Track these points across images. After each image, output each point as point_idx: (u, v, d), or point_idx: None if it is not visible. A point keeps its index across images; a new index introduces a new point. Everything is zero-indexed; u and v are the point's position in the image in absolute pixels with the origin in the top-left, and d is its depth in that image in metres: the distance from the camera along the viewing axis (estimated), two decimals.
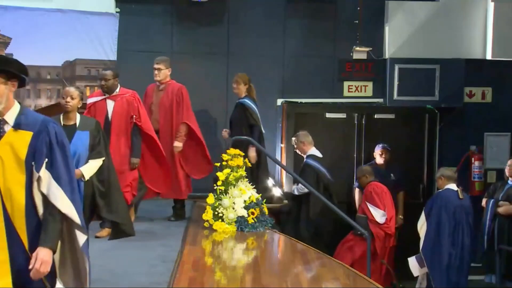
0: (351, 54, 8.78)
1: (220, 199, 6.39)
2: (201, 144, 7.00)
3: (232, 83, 7.57)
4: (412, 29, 8.82)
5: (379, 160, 8.23)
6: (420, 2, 8.87)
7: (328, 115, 8.65)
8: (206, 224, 6.39)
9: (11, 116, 3.07)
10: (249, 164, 6.80)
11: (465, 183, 8.97)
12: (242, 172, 6.57)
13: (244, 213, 6.35)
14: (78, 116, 5.08)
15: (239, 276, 5.04)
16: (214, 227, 6.31)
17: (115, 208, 5.04)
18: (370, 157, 8.42)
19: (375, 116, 8.68)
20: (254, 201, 6.45)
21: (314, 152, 7.63)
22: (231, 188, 6.45)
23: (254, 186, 6.62)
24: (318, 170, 7.44)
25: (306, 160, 7.59)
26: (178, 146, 6.85)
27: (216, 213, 6.35)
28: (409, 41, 8.81)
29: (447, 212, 7.01)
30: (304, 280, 4.85)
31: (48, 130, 3.09)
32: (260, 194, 6.59)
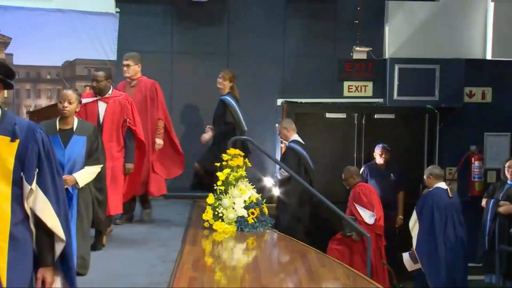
0: (351, 54, 8.78)
1: (220, 199, 6.40)
2: (174, 143, 6.94)
3: (217, 78, 7.55)
4: (412, 29, 8.82)
5: (379, 160, 8.23)
6: (420, 2, 8.87)
7: (328, 115, 8.64)
8: (206, 224, 6.39)
9: None
10: (249, 165, 6.81)
11: (465, 183, 8.99)
12: (242, 172, 6.57)
13: (244, 213, 6.35)
14: (75, 120, 4.88)
15: (239, 276, 5.05)
16: (214, 227, 6.31)
17: (103, 217, 5.05)
18: (370, 157, 8.42)
19: (375, 116, 8.68)
20: (254, 201, 6.46)
21: (297, 138, 7.65)
22: (231, 188, 6.46)
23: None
24: (300, 154, 7.47)
25: (289, 144, 7.58)
26: (160, 143, 6.77)
27: (216, 213, 6.35)
28: (409, 41, 8.81)
29: (439, 211, 7.06)
30: (304, 280, 4.85)
31: (36, 138, 2.84)
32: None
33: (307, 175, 7.42)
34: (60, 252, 2.88)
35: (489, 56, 8.94)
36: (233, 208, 6.35)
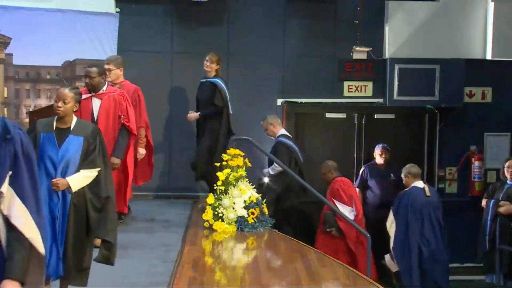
0: (351, 54, 8.77)
1: (220, 199, 6.40)
2: (150, 151, 6.85)
3: (204, 61, 7.51)
4: (412, 29, 8.81)
5: (379, 160, 8.23)
6: (420, 2, 8.86)
7: (328, 115, 8.65)
8: (206, 224, 6.39)
9: None
10: (249, 165, 6.81)
11: (465, 183, 8.99)
12: (242, 172, 6.57)
13: (244, 213, 6.36)
14: (74, 119, 4.56)
15: (239, 276, 5.05)
16: (214, 227, 6.31)
17: (110, 227, 4.46)
18: (370, 157, 8.42)
19: (375, 116, 8.69)
20: (254, 201, 6.46)
21: (285, 132, 7.69)
22: (231, 188, 6.46)
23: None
24: (291, 148, 7.52)
25: (278, 138, 7.61)
26: (142, 153, 6.62)
27: (216, 213, 6.35)
28: (409, 41, 8.80)
29: (414, 211, 7.11)
30: (304, 280, 4.85)
31: (13, 137, 2.59)
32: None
33: (296, 166, 7.50)
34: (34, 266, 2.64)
35: (489, 56, 8.93)
36: (233, 208, 6.35)
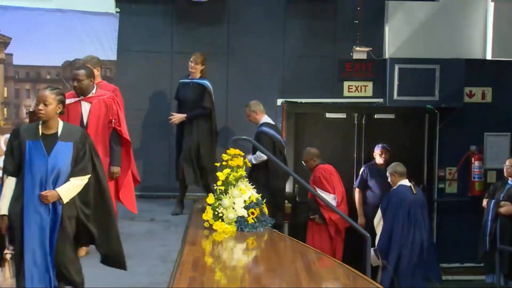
0: (351, 54, 8.77)
1: (220, 199, 6.40)
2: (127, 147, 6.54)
3: (189, 62, 7.44)
4: (412, 29, 8.81)
5: (379, 160, 8.22)
6: (420, 2, 8.86)
7: (328, 115, 8.65)
8: (206, 224, 6.39)
9: None
10: (249, 164, 6.80)
11: (465, 183, 8.99)
12: (242, 172, 6.57)
13: (244, 213, 6.36)
14: (60, 123, 4.24)
15: (239, 276, 5.05)
16: (214, 227, 6.31)
17: (105, 237, 4.27)
18: (370, 157, 8.42)
19: (375, 116, 8.69)
20: (254, 201, 6.46)
21: (267, 120, 7.62)
22: (231, 188, 6.46)
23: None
24: (274, 137, 7.46)
25: (260, 127, 7.52)
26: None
27: (216, 213, 6.35)
28: (409, 41, 8.80)
29: (403, 210, 7.16)
30: (304, 280, 4.85)
31: None
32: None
33: (281, 155, 7.48)
34: None
35: (489, 56, 8.94)
36: (233, 208, 6.35)
